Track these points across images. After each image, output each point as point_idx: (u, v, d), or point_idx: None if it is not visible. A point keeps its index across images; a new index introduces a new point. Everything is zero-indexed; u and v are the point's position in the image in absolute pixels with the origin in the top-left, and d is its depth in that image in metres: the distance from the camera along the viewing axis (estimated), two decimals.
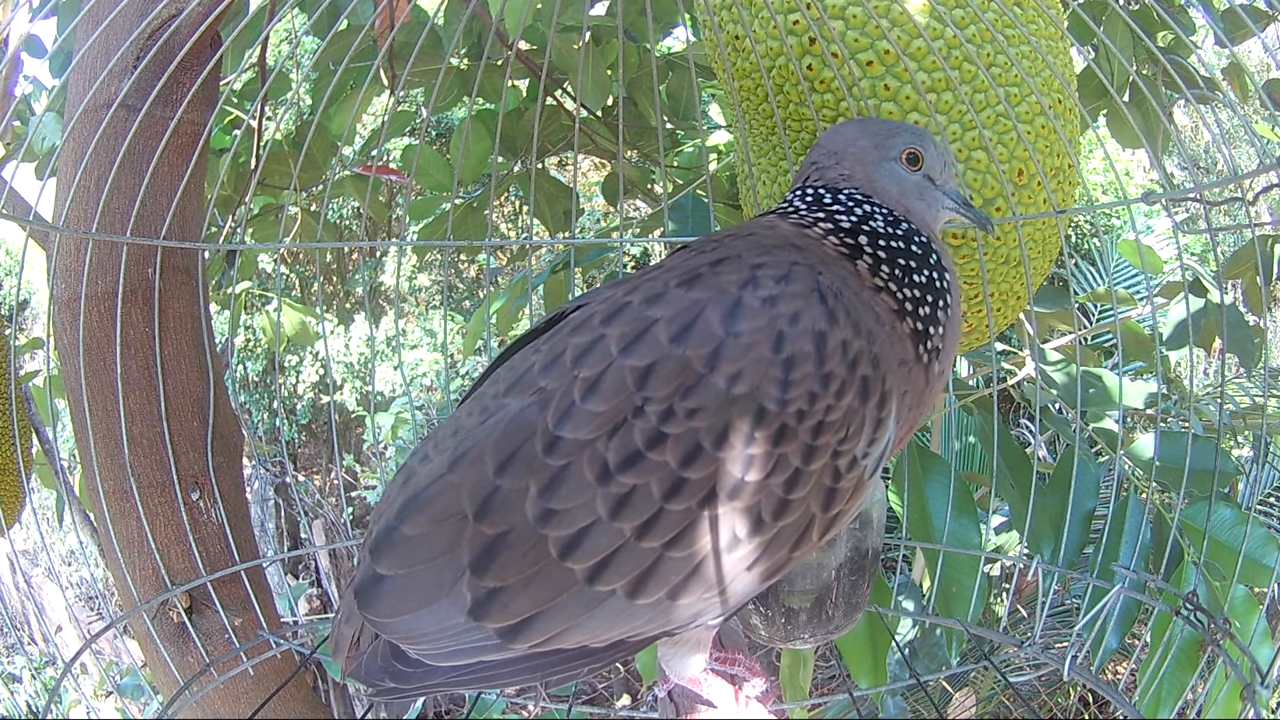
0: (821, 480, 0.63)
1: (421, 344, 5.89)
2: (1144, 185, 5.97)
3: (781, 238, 0.73)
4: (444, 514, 0.63)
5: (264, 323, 2.66)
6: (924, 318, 0.71)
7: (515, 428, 0.63)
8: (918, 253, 0.73)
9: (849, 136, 0.79)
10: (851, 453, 0.64)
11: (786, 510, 0.63)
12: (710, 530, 0.62)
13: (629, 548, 0.61)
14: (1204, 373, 4.30)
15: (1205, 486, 1.14)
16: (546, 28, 1.63)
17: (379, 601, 0.65)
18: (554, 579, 0.62)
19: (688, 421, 0.60)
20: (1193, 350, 1.36)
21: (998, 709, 3.18)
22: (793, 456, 0.62)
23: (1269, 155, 1.14)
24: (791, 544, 0.64)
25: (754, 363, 0.61)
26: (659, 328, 0.63)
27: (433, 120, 4.90)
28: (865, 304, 0.67)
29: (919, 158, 0.78)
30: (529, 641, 0.63)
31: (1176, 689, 1.05)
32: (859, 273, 0.70)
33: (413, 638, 0.65)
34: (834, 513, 0.65)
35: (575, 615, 0.63)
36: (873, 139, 0.78)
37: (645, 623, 0.64)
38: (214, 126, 1.45)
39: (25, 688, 4.33)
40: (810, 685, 1.48)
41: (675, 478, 0.61)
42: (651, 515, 0.61)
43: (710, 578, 0.63)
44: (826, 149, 0.80)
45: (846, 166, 0.78)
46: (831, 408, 0.62)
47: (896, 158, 0.78)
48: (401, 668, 0.67)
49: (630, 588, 0.62)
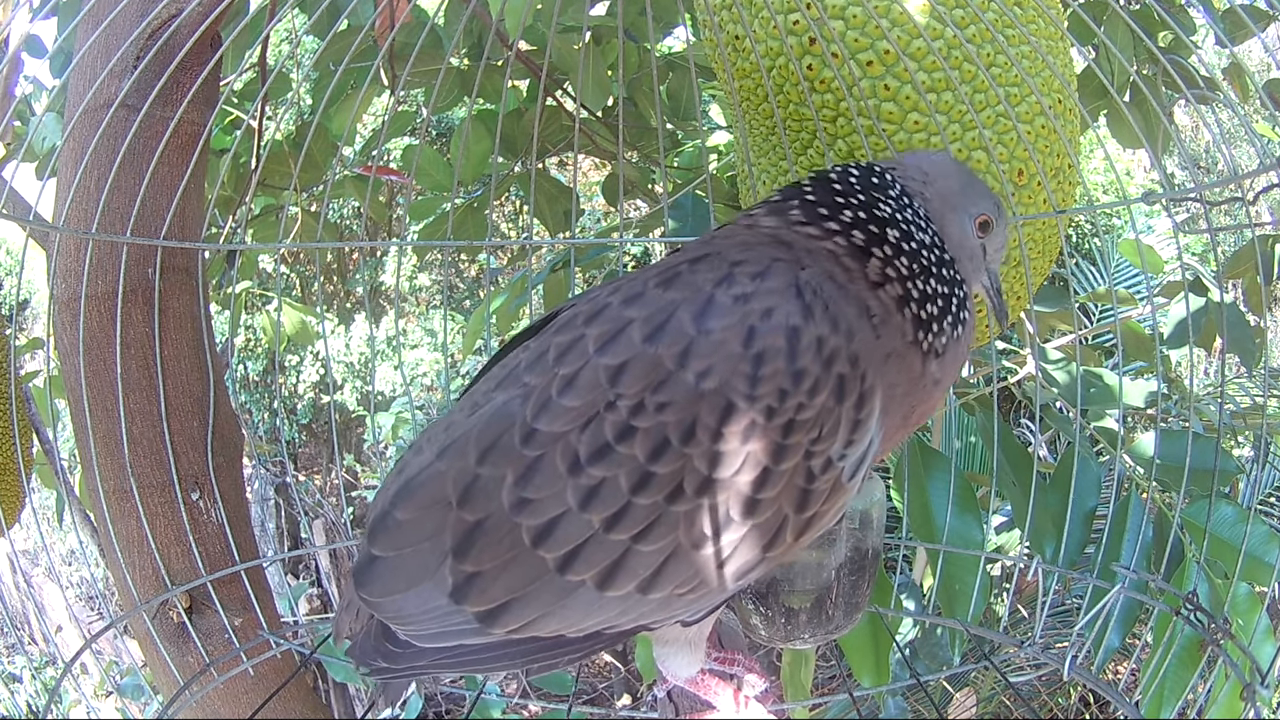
0: (794, 480, 0.63)
1: (422, 344, 5.89)
2: (1144, 185, 5.97)
3: (765, 235, 0.72)
4: (431, 500, 0.65)
5: (264, 322, 2.66)
6: (930, 314, 0.70)
7: (498, 419, 0.65)
8: (945, 273, 0.72)
9: (945, 170, 0.78)
10: (826, 454, 0.63)
11: (756, 509, 0.62)
12: (678, 526, 0.62)
13: (598, 539, 0.62)
14: (1204, 372, 4.30)
15: (1206, 485, 1.14)
16: (546, 28, 1.63)
17: (372, 581, 0.67)
18: (527, 566, 0.63)
19: (656, 416, 0.61)
20: (1193, 350, 1.36)
21: (998, 709, 3.18)
22: (761, 455, 0.61)
23: (1269, 155, 1.14)
24: (764, 544, 0.64)
25: (723, 358, 0.61)
26: (634, 328, 0.64)
27: (433, 120, 4.90)
28: (853, 299, 0.66)
29: (989, 228, 0.78)
30: (505, 626, 0.65)
31: (1177, 689, 1.05)
32: (861, 270, 0.69)
33: (401, 618, 0.68)
34: (809, 514, 0.64)
35: (548, 603, 0.64)
36: (963, 185, 0.78)
37: (618, 615, 0.65)
38: (214, 126, 1.46)
39: (25, 687, 4.33)
40: (811, 685, 1.48)
41: (643, 471, 0.61)
42: (620, 508, 0.61)
43: (679, 574, 0.63)
44: (918, 165, 0.78)
45: (930, 193, 0.76)
46: (803, 406, 0.61)
47: (973, 216, 0.77)
48: (391, 648, 0.70)
49: (600, 579, 0.63)
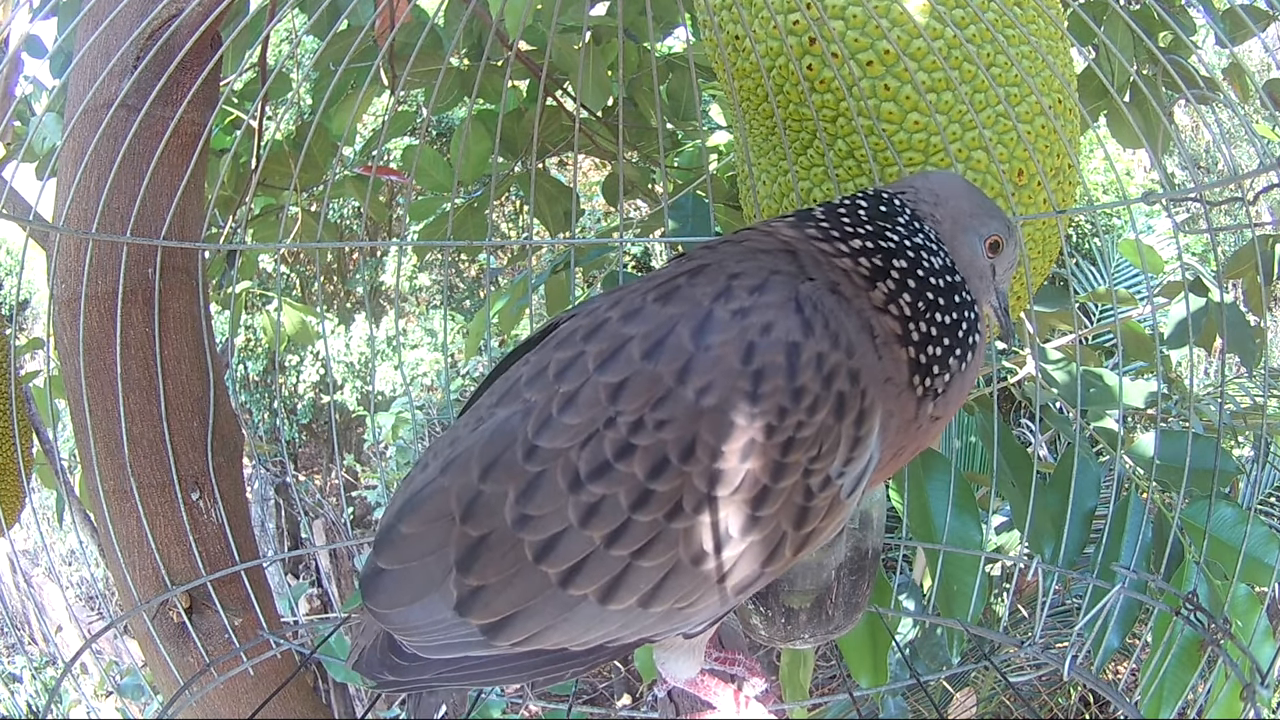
0: (793, 498, 0.63)
1: (422, 344, 5.90)
2: (1144, 185, 5.97)
3: (779, 243, 0.71)
4: (435, 515, 0.66)
5: (264, 322, 2.66)
6: (931, 355, 0.68)
7: (500, 435, 0.65)
8: (955, 300, 0.71)
9: (956, 191, 0.78)
10: (825, 471, 0.63)
11: (754, 526, 0.62)
12: (677, 543, 0.62)
13: (599, 555, 0.62)
14: (1205, 372, 4.30)
15: (1206, 485, 1.14)
16: (547, 28, 1.63)
17: (379, 593, 0.68)
18: (530, 581, 0.63)
19: (656, 434, 0.61)
20: (1193, 350, 1.36)
21: (998, 709, 3.18)
22: (760, 473, 0.61)
23: (1269, 155, 1.14)
24: (762, 560, 0.64)
25: (723, 374, 0.61)
26: (633, 345, 0.63)
27: (433, 120, 4.90)
28: (855, 313, 0.66)
29: (999, 248, 0.78)
30: (509, 639, 0.66)
31: (1177, 689, 1.05)
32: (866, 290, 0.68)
33: (407, 629, 0.69)
34: (807, 531, 0.64)
35: (551, 617, 0.64)
36: (974, 207, 0.77)
37: (620, 628, 0.66)
38: (214, 126, 1.46)
39: (25, 687, 4.34)
40: (810, 685, 1.48)
41: (642, 489, 0.61)
42: (619, 525, 0.62)
43: (680, 589, 0.64)
44: (929, 188, 0.78)
45: (941, 215, 0.76)
46: (803, 424, 0.61)
47: (983, 237, 0.77)
48: (397, 660, 0.71)
49: (601, 594, 0.63)
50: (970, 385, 0.74)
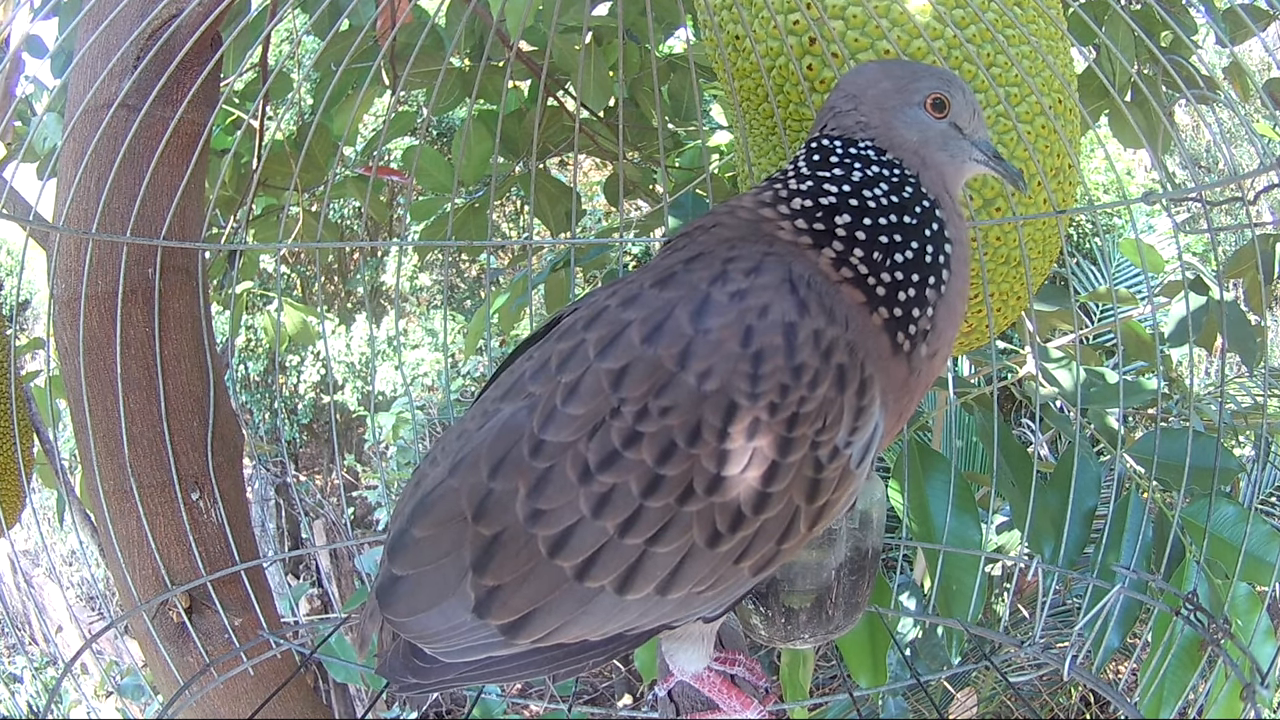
0: (803, 472, 0.63)
1: (423, 344, 5.89)
2: (1145, 185, 5.97)
3: (745, 226, 0.71)
4: (447, 516, 0.66)
5: (265, 322, 2.66)
6: (903, 302, 0.67)
7: (506, 432, 0.65)
8: (910, 224, 0.68)
9: (870, 78, 0.74)
10: (832, 443, 0.64)
11: (767, 504, 0.63)
12: (691, 526, 0.62)
13: (613, 545, 0.62)
14: (1205, 372, 4.30)
15: (1206, 484, 1.14)
16: (547, 28, 1.63)
17: (396, 601, 0.68)
18: (546, 576, 0.63)
19: (661, 420, 0.61)
20: (1193, 349, 1.35)
21: (999, 709, 3.18)
22: (768, 450, 0.61)
23: (1269, 155, 1.14)
24: (778, 537, 0.64)
25: (723, 358, 0.61)
26: (632, 329, 0.64)
27: (434, 121, 4.90)
28: (838, 292, 0.66)
29: (945, 104, 0.73)
30: (530, 636, 0.65)
31: (1177, 689, 1.05)
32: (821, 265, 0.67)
33: (427, 636, 0.68)
34: (820, 503, 0.65)
35: (570, 611, 0.64)
36: (895, 81, 0.73)
37: (638, 617, 0.66)
38: (215, 126, 1.46)
39: (26, 687, 4.34)
40: (810, 685, 1.48)
41: (652, 475, 0.61)
42: (632, 513, 0.62)
43: (697, 573, 0.64)
44: (845, 92, 0.74)
45: (864, 112, 0.72)
46: (805, 399, 0.62)
47: (920, 103, 0.72)
48: (420, 664, 0.70)
49: (618, 584, 0.63)
50: (959, 301, 0.71)
